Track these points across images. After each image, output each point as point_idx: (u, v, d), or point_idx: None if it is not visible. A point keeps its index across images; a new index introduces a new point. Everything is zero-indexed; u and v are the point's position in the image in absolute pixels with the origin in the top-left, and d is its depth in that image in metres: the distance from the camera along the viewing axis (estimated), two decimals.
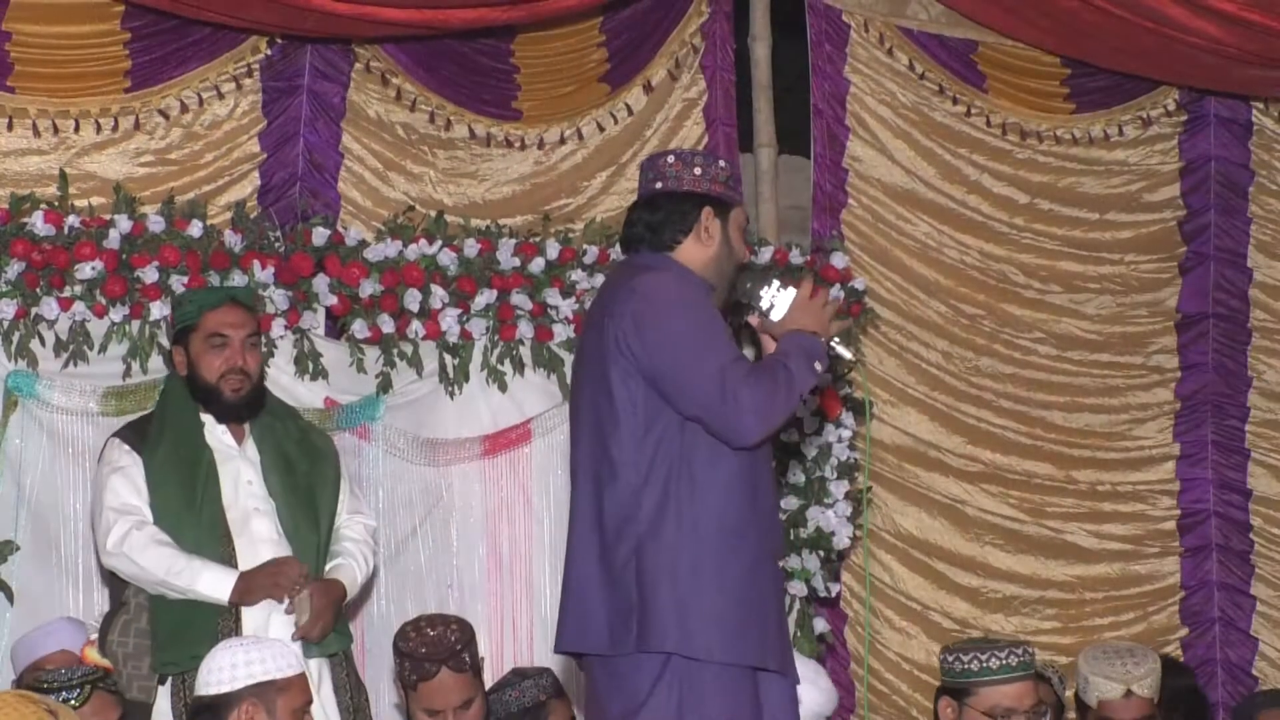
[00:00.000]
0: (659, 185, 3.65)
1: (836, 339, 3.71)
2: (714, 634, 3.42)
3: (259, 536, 4.33)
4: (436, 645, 4.11)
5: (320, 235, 5.14)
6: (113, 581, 4.43)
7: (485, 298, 5.27)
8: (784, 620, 3.65)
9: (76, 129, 5.22)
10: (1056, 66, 6.36)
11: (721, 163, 3.76)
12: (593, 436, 3.52)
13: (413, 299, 5.18)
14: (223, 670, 3.67)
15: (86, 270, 4.88)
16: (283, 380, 5.06)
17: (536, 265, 5.34)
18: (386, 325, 5.16)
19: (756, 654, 3.48)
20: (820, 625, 5.63)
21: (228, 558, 4.29)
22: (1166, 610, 6.43)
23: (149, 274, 4.93)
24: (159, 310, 4.93)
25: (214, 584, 4.23)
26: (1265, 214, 6.57)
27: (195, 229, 5.02)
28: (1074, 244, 6.41)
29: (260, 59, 5.42)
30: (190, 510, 4.31)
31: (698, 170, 3.66)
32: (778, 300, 3.62)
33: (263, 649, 3.72)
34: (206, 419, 4.43)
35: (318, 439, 4.63)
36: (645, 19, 5.87)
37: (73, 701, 3.86)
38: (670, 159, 3.71)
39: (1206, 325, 6.49)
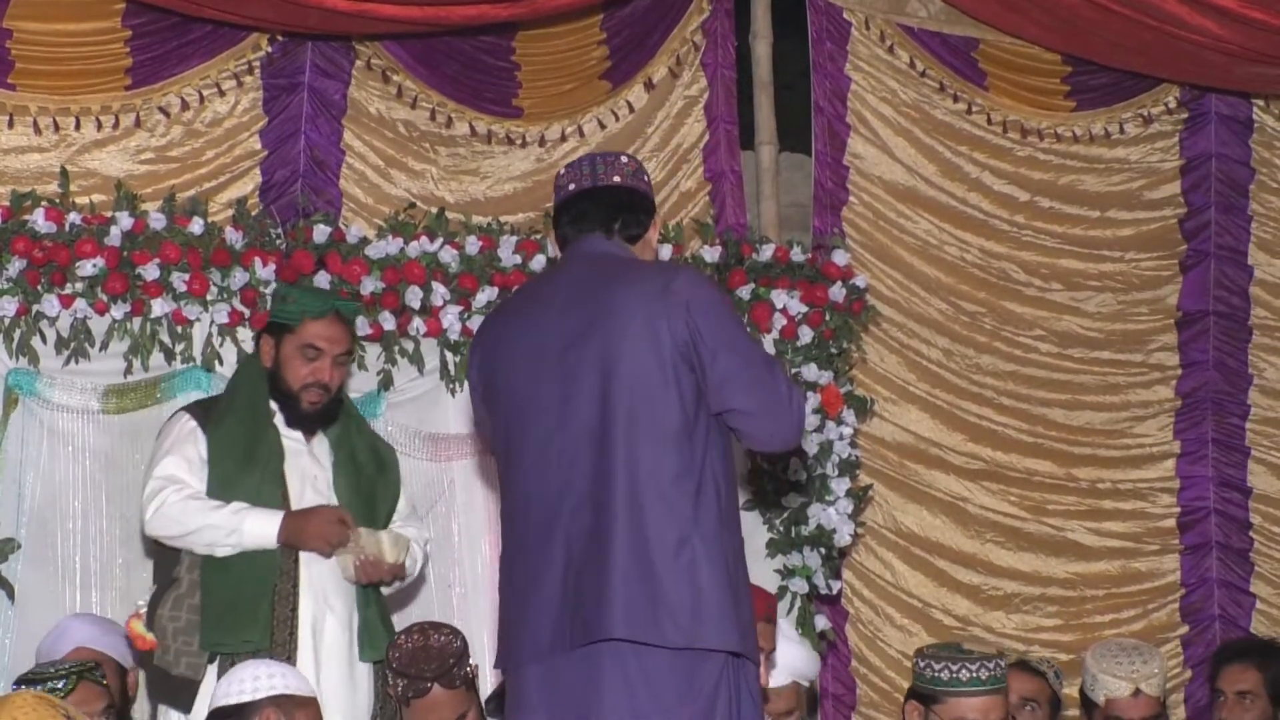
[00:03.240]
0: (618, 179, 3.64)
1: None
2: (752, 634, 3.44)
3: None
4: (428, 662, 4.08)
5: (321, 232, 5.13)
6: (159, 553, 4.34)
7: (487, 295, 5.26)
8: None
9: (77, 126, 5.22)
10: (1057, 64, 6.36)
11: None
12: (641, 427, 3.40)
13: (414, 296, 5.17)
14: (244, 683, 3.79)
15: (88, 267, 4.88)
16: None
17: (538, 262, 5.33)
18: (388, 322, 5.15)
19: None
20: (821, 622, 5.63)
21: (267, 554, 4.23)
22: (1167, 608, 6.43)
23: (150, 271, 4.92)
24: (160, 307, 4.94)
25: (259, 527, 4.18)
26: (1266, 211, 6.58)
27: (196, 226, 5.02)
28: (1075, 241, 6.41)
29: (261, 56, 5.42)
30: (250, 481, 4.24)
31: (646, 177, 3.73)
32: None
33: (284, 668, 3.87)
34: (277, 412, 4.39)
35: (384, 450, 4.60)
36: (646, 16, 5.86)
37: (59, 691, 3.87)
38: (624, 159, 3.73)
39: (1207, 323, 6.49)
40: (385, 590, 4.45)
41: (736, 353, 3.43)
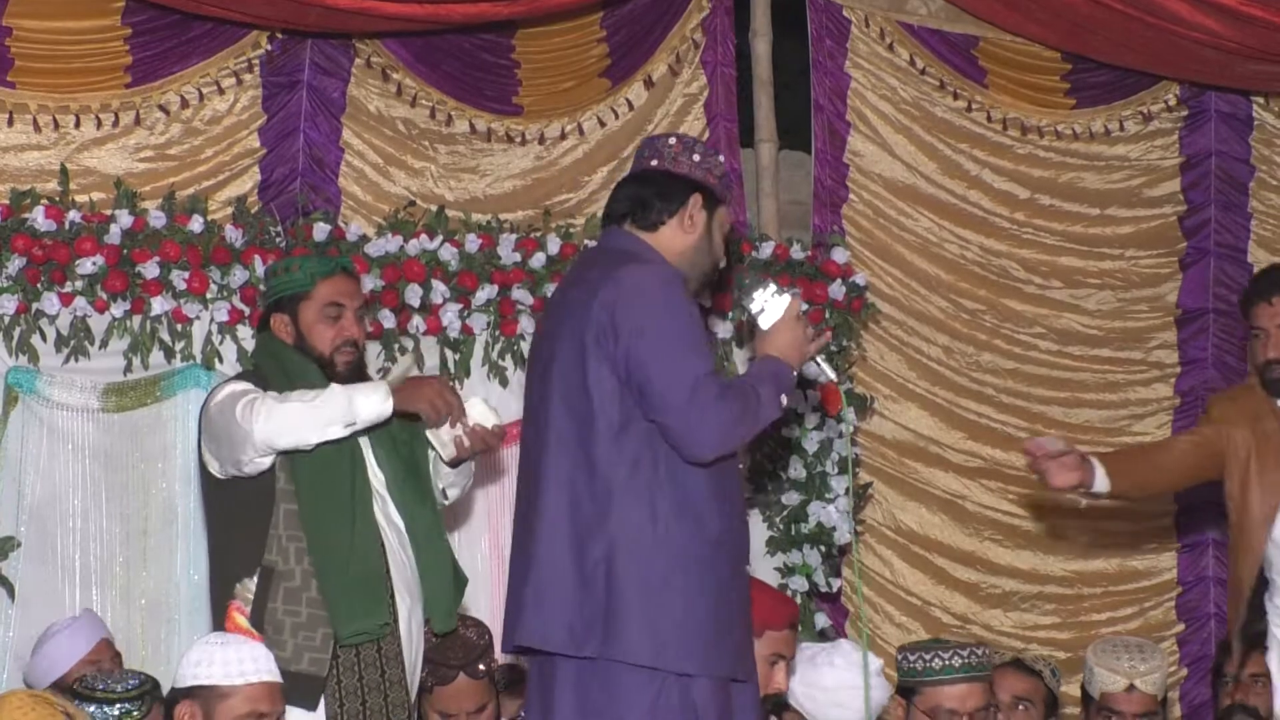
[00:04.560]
0: (654, 163, 3.64)
1: (822, 357, 3.73)
2: (691, 645, 3.37)
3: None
4: (455, 651, 4.11)
5: (321, 230, 5.14)
6: (225, 536, 4.05)
7: (486, 293, 5.27)
8: (750, 628, 3.59)
9: (77, 124, 5.22)
10: (1057, 62, 6.36)
11: (720, 157, 3.74)
12: (568, 427, 3.43)
13: (414, 294, 5.18)
14: (186, 666, 3.61)
15: (87, 265, 4.88)
16: None
17: (537, 260, 5.35)
18: (387, 320, 5.16)
19: (730, 665, 3.47)
20: (821, 620, 5.64)
21: (375, 527, 4.03)
22: (1163, 605, 6.44)
23: (150, 269, 4.93)
24: (160, 306, 4.94)
25: (370, 397, 3.91)
26: (1266, 209, 6.58)
27: (196, 224, 5.03)
28: (1074, 239, 6.41)
29: (261, 54, 5.42)
30: (338, 457, 4.01)
31: (696, 157, 3.64)
32: (769, 305, 3.59)
33: (227, 651, 3.60)
34: None
35: None
36: (646, 14, 5.86)
37: (135, 714, 3.77)
38: (672, 140, 3.69)
39: (1206, 320, 6.49)
40: (454, 492, 4.28)
41: (654, 362, 3.37)
